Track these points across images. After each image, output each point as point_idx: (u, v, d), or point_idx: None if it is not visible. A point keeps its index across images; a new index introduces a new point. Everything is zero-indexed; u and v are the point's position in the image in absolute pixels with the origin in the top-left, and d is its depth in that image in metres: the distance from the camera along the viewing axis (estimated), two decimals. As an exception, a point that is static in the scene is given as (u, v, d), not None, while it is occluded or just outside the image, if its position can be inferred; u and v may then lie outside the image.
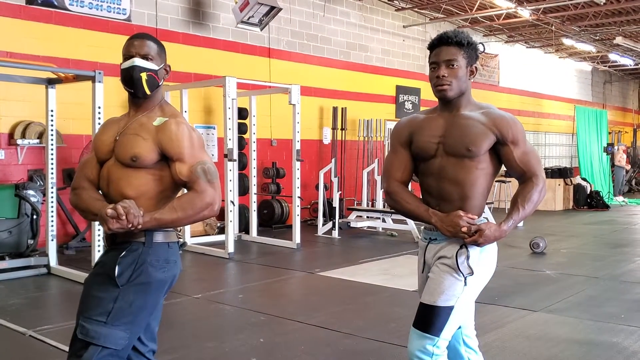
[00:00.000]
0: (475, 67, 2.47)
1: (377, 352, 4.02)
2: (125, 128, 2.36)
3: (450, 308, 2.33)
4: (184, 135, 2.30)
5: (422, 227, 2.58)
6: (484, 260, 2.40)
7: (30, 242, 6.85)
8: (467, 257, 2.35)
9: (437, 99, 2.49)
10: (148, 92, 2.35)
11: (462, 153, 2.37)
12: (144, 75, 2.32)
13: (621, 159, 17.19)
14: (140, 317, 2.28)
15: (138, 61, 2.32)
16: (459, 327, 2.51)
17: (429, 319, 2.34)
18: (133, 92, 2.35)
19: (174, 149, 2.28)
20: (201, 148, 2.34)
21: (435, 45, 2.44)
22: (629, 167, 17.90)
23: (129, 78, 2.33)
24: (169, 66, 2.45)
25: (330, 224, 9.36)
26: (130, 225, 2.13)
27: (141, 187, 2.28)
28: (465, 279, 2.34)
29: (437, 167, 2.43)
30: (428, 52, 2.51)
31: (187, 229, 8.12)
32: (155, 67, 2.35)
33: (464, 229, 2.31)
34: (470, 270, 2.35)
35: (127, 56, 2.36)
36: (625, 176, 17.69)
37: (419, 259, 2.58)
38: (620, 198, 16.00)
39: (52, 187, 6.44)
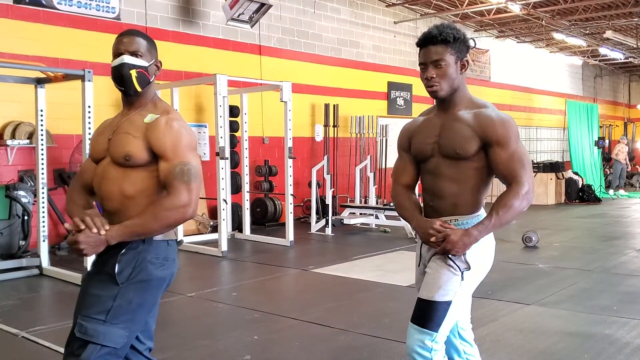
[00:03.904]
0: (467, 60, 2.45)
1: (371, 348, 4.03)
2: (118, 127, 2.35)
3: (448, 303, 2.34)
4: (171, 132, 2.26)
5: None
6: (481, 255, 2.40)
7: (22, 243, 6.81)
8: (465, 252, 2.35)
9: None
10: (139, 89, 2.33)
11: (452, 155, 2.40)
12: (133, 73, 2.30)
13: (619, 152, 17.23)
14: (140, 315, 2.26)
15: (127, 58, 2.30)
16: None
17: (427, 314, 2.35)
18: (124, 89, 2.34)
19: (159, 147, 2.25)
20: (189, 147, 2.28)
21: (422, 44, 2.42)
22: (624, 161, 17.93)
23: (119, 76, 2.31)
24: (160, 62, 2.43)
25: (323, 221, 9.36)
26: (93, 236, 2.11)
27: (137, 186, 2.26)
28: (462, 273, 2.35)
29: (433, 166, 2.46)
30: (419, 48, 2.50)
31: (180, 227, 8.09)
32: (145, 64, 2.33)
33: (432, 239, 2.34)
34: (467, 264, 2.35)
35: (116, 54, 2.34)
36: (624, 170, 17.72)
37: (416, 254, 2.61)
38: (621, 191, 16.11)
39: (42, 188, 6.40)
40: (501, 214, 2.29)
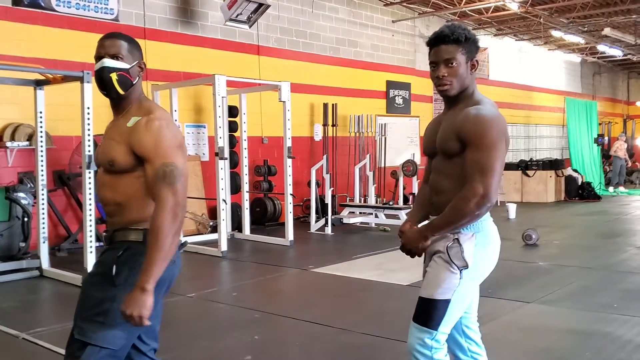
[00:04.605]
0: (477, 61, 2.44)
1: (371, 347, 4.03)
2: (107, 132, 2.36)
3: (447, 301, 2.34)
4: (151, 133, 2.20)
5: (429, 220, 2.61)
6: (480, 253, 2.41)
7: (22, 244, 6.81)
8: (462, 251, 2.36)
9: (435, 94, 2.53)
10: (121, 92, 2.30)
11: (444, 152, 2.42)
12: (114, 76, 2.27)
13: (618, 149, 17.23)
14: None
15: (107, 62, 2.27)
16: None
17: (427, 312, 2.36)
18: (106, 93, 2.32)
19: (141, 150, 2.20)
20: (173, 147, 2.21)
21: (433, 43, 2.42)
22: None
23: (100, 79, 2.29)
24: (144, 63, 2.39)
25: (322, 221, 9.36)
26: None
27: (128, 191, 2.24)
28: (460, 272, 2.35)
29: (436, 164, 2.51)
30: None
31: (180, 228, 8.07)
32: (125, 66, 2.29)
33: (400, 239, 2.53)
34: (465, 263, 2.35)
35: (97, 57, 2.31)
36: (624, 166, 17.71)
37: None
38: (621, 188, 16.11)
39: (42, 189, 6.40)
40: (447, 213, 2.32)
